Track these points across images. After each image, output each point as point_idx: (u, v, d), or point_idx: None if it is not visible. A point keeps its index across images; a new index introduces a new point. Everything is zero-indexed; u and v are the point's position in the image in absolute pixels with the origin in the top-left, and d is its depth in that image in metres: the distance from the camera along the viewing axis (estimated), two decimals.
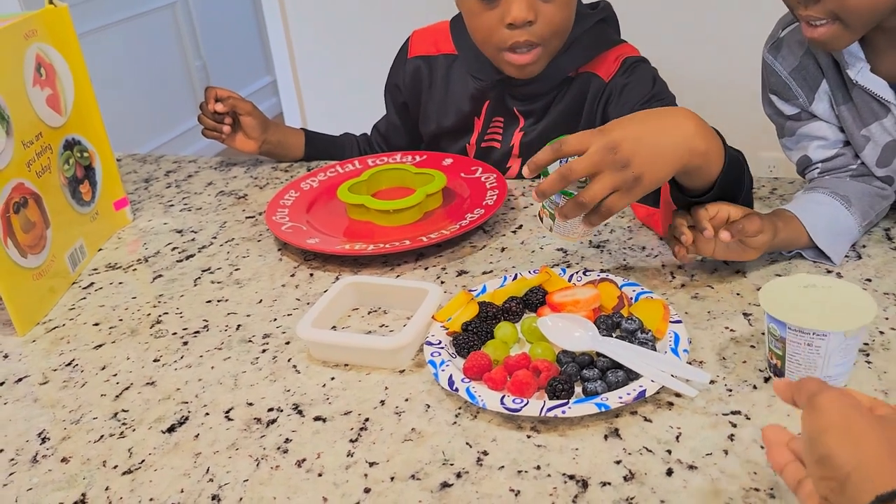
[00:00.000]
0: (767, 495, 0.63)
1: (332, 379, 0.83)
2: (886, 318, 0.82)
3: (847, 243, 0.93)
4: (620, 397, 0.72)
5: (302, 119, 3.01)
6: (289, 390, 0.82)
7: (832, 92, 0.96)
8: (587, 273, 0.92)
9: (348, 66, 2.73)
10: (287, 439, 0.75)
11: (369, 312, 0.94)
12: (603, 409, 0.71)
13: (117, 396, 0.84)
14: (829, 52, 0.93)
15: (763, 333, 0.78)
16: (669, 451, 0.68)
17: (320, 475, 0.70)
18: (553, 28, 1.09)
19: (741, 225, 0.84)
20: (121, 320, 0.98)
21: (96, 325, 0.98)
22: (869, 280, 0.89)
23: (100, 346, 0.93)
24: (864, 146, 0.96)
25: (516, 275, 0.93)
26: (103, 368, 0.89)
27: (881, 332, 0.80)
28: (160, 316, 0.98)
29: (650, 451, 0.68)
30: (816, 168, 1.01)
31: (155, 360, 0.89)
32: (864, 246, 0.96)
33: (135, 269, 1.11)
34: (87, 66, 1.13)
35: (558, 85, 1.18)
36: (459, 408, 0.77)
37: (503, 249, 1.05)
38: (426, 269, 1.03)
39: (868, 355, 0.77)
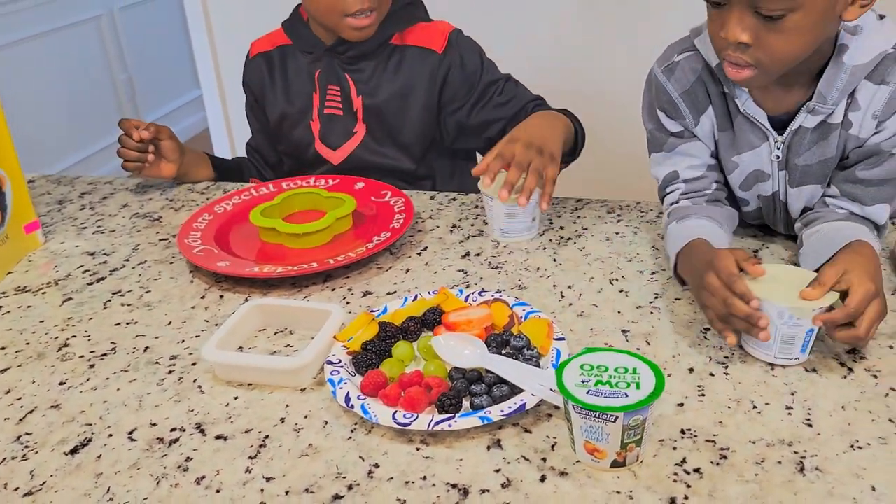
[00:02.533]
0: (627, 497, 0.69)
1: (236, 398, 0.87)
2: None
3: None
4: (502, 410, 0.77)
5: (228, 133, 3.01)
6: (192, 410, 0.85)
7: (716, 118, 1.04)
8: (482, 293, 0.97)
9: None
10: (188, 458, 0.78)
11: (275, 333, 0.98)
12: (486, 422, 0.76)
13: (21, 420, 0.86)
14: (718, 83, 1.01)
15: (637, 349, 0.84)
16: (544, 460, 0.74)
17: (218, 491, 0.74)
18: None
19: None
20: (27, 344, 1.00)
21: (2, 349, 0.99)
22: None
23: (5, 370, 0.95)
24: (732, 170, 1.06)
25: (416, 296, 0.98)
26: (8, 392, 0.90)
27: (739, 346, 0.88)
28: (68, 339, 1.00)
29: (527, 459, 0.74)
30: (680, 187, 1.07)
31: (61, 384, 0.91)
32: None
33: (44, 293, 1.12)
34: (0, 84, 1.14)
35: (380, 51, 1.35)
36: (356, 423, 0.81)
37: (408, 271, 1.10)
38: (333, 290, 1.07)
39: (726, 367, 0.85)
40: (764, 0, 0.84)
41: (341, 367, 0.87)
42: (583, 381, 0.72)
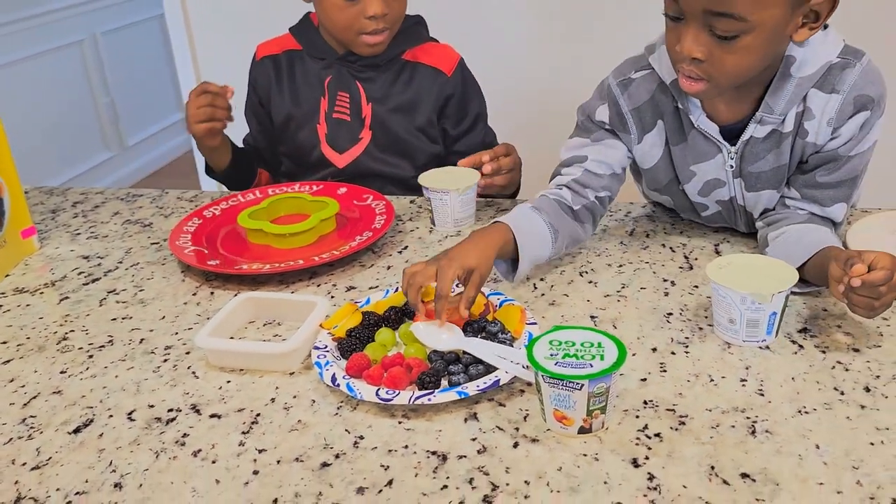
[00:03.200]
0: (593, 458, 0.75)
1: (228, 382, 0.92)
2: (706, 317, 0.96)
3: (532, 268, 1.07)
4: (478, 386, 0.83)
5: None
6: (188, 393, 0.90)
7: (668, 133, 1.10)
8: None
9: None
10: (185, 434, 0.83)
11: (265, 324, 1.04)
12: (463, 397, 0.82)
13: (25, 405, 0.90)
14: (673, 98, 1.07)
15: None
16: (517, 429, 0.80)
17: (214, 462, 0.79)
18: (398, 16, 1.38)
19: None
20: (28, 338, 1.05)
21: (4, 343, 1.04)
22: (696, 286, 1.04)
23: (8, 361, 0.99)
24: (689, 179, 1.12)
25: (397, 288, 1.04)
26: (11, 381, 0.95)
27: (700, 328, 0.94)
28: (66, 333, 1.05)
29: (501, 429, 0.80)
30: (575, 175, 1.11)
31: (61, 372, 0.96)
32: (696, 258, 1.12)
33: (42, 293, 1.17)
34: None
35: (391, 64, 1.44)
36: (341, 402, 0.87)
37: (389, 268, 1.16)
38: (318, 286, 1.13)
39: (687, 347, 0.91)
40: (718, 21, 0.89)
41: (327, 351, 0.92)
42: (552, 355, 0.78)
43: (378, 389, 0.84)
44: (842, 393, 0.81)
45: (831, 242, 0.97)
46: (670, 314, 0.98)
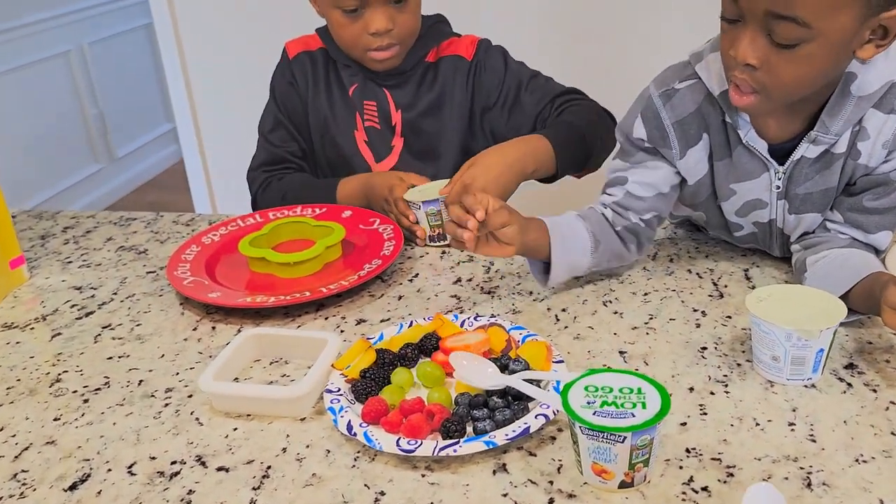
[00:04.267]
0: None
1: (235, 429, 0.86)
2: (743, 351, 0.91)
3: (570, 276, 1.06)
4: (507, 434, 0.77)
5: (203, 165, 3.00)
6: (192, 442, 0.84)
7: (713, 147, 1.03)
8: (478, 318, 0.98)
9: (250, 112, 2.75)
10: (190, 490, 0.77)
11: (271, 363, 0.97)
12: (491, 447, 0.76)
13: (16, 457, 0.84)
14: (721, 111, 1.00)
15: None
16: (551, 482, 0.74)
17: None
18: (407, 31, 1.31)
19: (490, 219, 0.94)
20: (18, 380, 0.98)
21: None
22: (729, 317, 0.98)
23: None
24: (728, 197, 1.05)
25: (412, 322, 0.98)
26: (1, 429, 0.89)
27: (738, 364, 0.89)
28: (60, 374, 0.99)
29: (534, 482, 0.74)
30: (617, 196, 1.07)
31: (55, 419, 0.90)
32: (725, 286, 1.06)
33: (32, 328, 1.10)
34: None
35: (416, 69, 1.38)
36: (358, 451, 0.80)
37: (400, 297, 1.10)
38: (326, 318, 1.06)
39: (727, 386, 0.85)
40: (779, 25, 0.82)
41: (341, 395, 0.86)
42: (588, 403, 0.72)
43: (398, 439, 0.78)
44: None
45: (879, 268, 0.91)
46: (704, 348, 0.93)
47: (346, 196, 1.34)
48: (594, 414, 0.71)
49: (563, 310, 1.03)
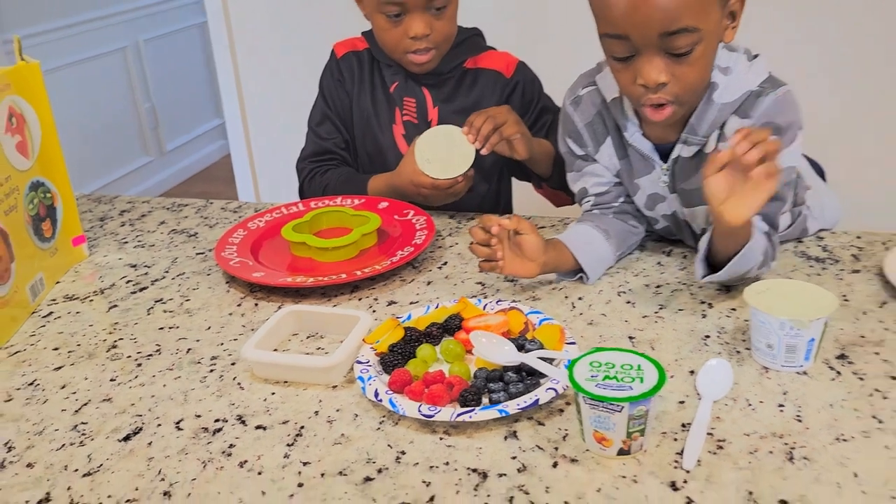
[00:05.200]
0: (632, 481, 0.76)
1: (273, 394, 0.94)
2: (743, 340, 0.97)
3: (603, 267, 1.16)
4: (518, 405, 0.85)
5: (250, 160, 3.12)
6: (233, 404, 0.93)
7: (615, 147, 1.17)
8: (499, 303, 1.05)
9: (295, 110, 2.85)
10: (231, 444, 0.86)
11: (308, 337, 1.06)
12: (504, 415, 0.84)
13: (76, 411, 0.94)
14: (612, 117, 1.14)
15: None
16: (556, 448, 0.81)
17: (260, 473, 0.81)
18: (443, 36, 1.40)
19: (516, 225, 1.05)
20: (78, 345, 1.08)
21: (56, 349, 1.07)
22: (734, 309, 1.05)
23: (59, 368, 1.03)
24: (636, 192, 1.19)
25: (438, 304, 1.06)
26: (63, 387, 0.99)
27: (737, 352, 0.95)
28: (116, 341, 1.08)
29: (541, 448, 0.81)
30: (591, 199, 1.22)
31: (111, 380, 1.00)
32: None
33: (91, 300, 1.21)
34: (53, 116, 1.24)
35: (454, 72, 1.47)
36: (384, 416, 0.89)
37: (429, 283, 1.18)
38: (360, 299, 1.15)
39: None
40: (675, 39, 0.95)
41: (370, 366, 0.94)
42: (592, 377, 0.80)
43: (420, 405, 0.86)
44: (880, 421, 0.82)
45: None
46: (707, 336, 0.99)
47: (375, 190, 1.44)
48: (596, 386, 0.78)
49: (580, 298, 1.10)
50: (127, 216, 1.52)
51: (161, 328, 1.11)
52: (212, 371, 1.00)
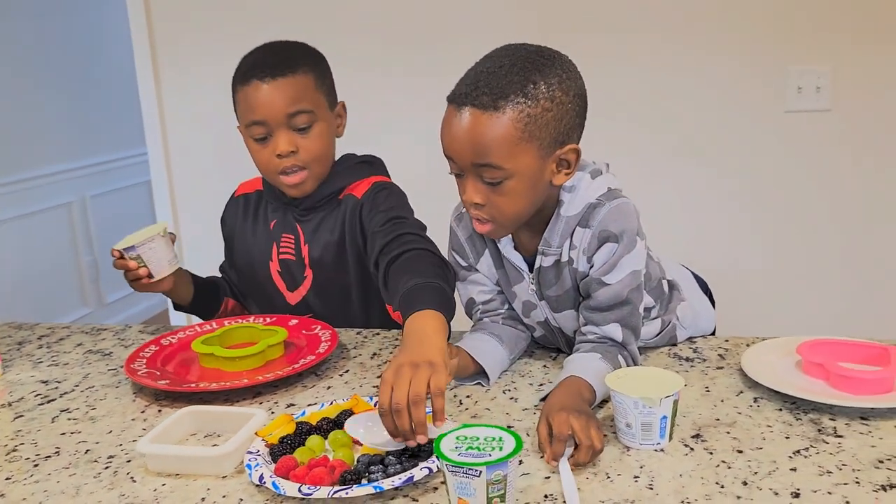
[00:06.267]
0: None
1: (164, 485, 0.98)
2: (610, 425, 1.04)
3: (500, 370, 1.24)
4: (394, 482, 0.90)
5: (187, 317, 3.17)
6: (124, 495, 0.96)
7: (492, 258, 1.28)
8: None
9: None
10: None
11: (206, 436, 1.10)
12: (379, 491, 0.89)
13: None
14: None
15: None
16: None
17: None
18: (312, 155, 1.44)
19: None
20: None
21: None
22: (606, 402, 1.12)
23: None
24: (514, 299, 1.29)
25: (332, 401, 1.12)
26: None
27: (604, 435, 1.02)
28: (16, 446, 1.11)
29: None
30: (479, 308, 1.32)
31: (6, 479, 1.02)
32: None
33: None
34: None
35: (327, 204, 1.50)
36: (267, 499, 0.93)
37: (329, 388, 1.25)
38: (261, 403, 1.20)
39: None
40: (485, 171, 1.08)
41: (259, 455, 0.99)
42: (456, 447, 0.86)
43: (301, 486, 0.91)
44: (721, 486, 0.89)
45: (580, 373, 1.10)
46: None
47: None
48: (458, 455, 0.84)
49: (468, 396, 1.17)
50: (45, 340, 1.57)
51: (63, 433, 1.14)
52: (107, 468, 1.03)
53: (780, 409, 1.07)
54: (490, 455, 0.84)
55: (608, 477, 0.92)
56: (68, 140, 3.89)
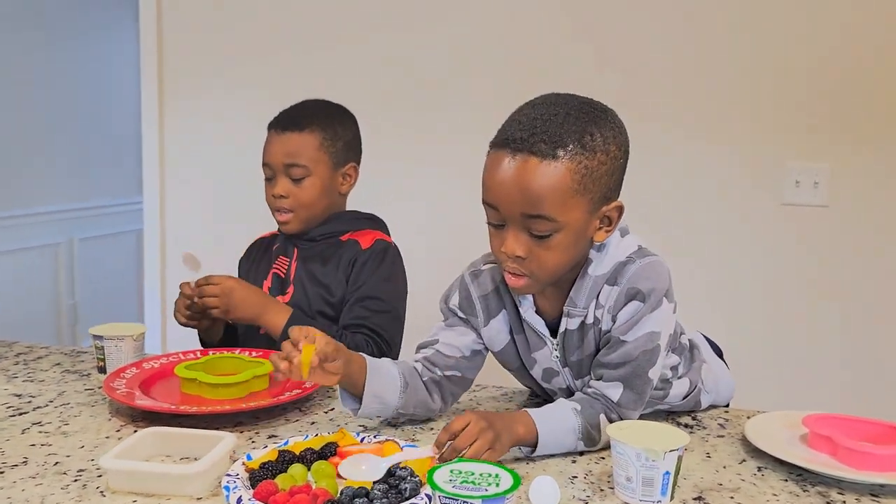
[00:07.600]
0: None
1: (134, 501, 0.92)
2: (608, 481, 1.00)
3: (377, 405, 1.16)
4: None
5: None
6: None
7: (511, 323, 1.22)
8: (377, 436, 1.07)
9: None
10: None
11: (181, 459, 1.05)
12: None
13: None
14: (510, 295, 1.20)
15: None
16: None
17: None
18: (301, 203, 1.55)
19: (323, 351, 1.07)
20: None
21: None
22: (602, 458, 1.08)
23: None
24: (532, 366, 1.22)
25: (317, 433, 1.07)
26: None
27: (601, 489, 0.98)
28: None
29: None
30: (427, 353, 1.23)
31: None
32: None
33: None
34: None
35: (323, 240, 1.59)
36: None
37: (313, 423, 1.20)
38: (242, 432, 1.15)
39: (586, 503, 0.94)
40: (534, 223, 1.04)
41: (238, 478, 0.94)
42: (451, 480, 0.82)
43: None
44: None
45: (539, 413, 1.08)
46: (575, 477, 1.02)
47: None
48: (453, 487, 0.80)
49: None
50: (22, 357, 1.51)
51: (33, 445, 1.09)
52: (76, 481, 0.98)
53: (786, 480, 1.03)
54: (486, 490, 0.80)
55: None
56: (64, 181, 3.86)
